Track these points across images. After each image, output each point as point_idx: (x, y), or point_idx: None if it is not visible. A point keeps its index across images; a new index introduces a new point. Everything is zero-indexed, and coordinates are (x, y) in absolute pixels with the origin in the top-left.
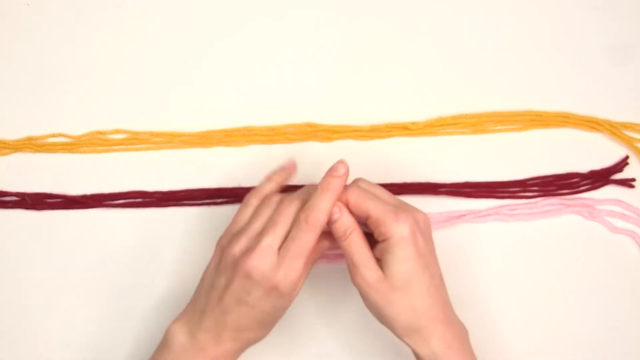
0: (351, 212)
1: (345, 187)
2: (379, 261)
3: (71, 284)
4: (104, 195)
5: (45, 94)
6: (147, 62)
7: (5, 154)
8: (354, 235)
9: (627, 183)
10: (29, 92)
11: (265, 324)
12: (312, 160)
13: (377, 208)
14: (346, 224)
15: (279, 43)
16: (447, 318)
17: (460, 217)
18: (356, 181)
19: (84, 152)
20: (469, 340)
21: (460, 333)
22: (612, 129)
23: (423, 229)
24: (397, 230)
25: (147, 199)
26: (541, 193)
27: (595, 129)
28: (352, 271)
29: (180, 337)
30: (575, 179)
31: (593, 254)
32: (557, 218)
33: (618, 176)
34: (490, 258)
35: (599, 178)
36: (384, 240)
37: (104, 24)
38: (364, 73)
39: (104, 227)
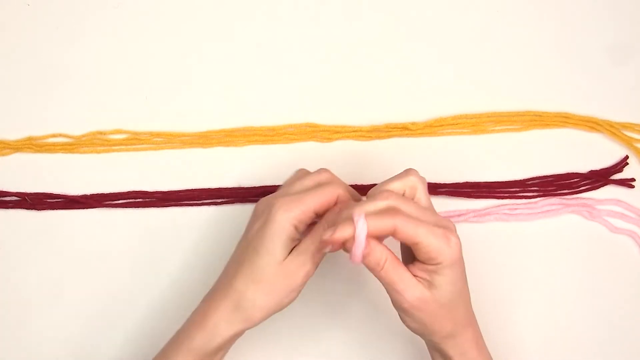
0: (395, 237)
1: (391, 211)
2: (421, 279)
3: (71, 284)
4: (104, 195)
5: (45, 94)
6: (147, 62)
7: (6, 154)
8: (388, 264)
9: (627, 183)
10: (29, 92)
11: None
12: (312, 161)
13: (427, 236)
14: (378, 256)
15: (279, 43)
16: (473, 320)
17: (460, 216)
18: (399, 201)
19: (84, 152)
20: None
21: (479, 330)
22: (612, 129)
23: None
24: (449, 255)
25: (147, 199)
26: (541, 193)
27: (595, 129)
28: (394, 297)
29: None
30: (575, 179)
31: (593, 254)
32: (557, 218)
33: (618, 176)
34: (490, 258)
35: (599, 178)
36: (432, 264)
37: (104, 24)
38: (364, 73)
39: (104, 227)
